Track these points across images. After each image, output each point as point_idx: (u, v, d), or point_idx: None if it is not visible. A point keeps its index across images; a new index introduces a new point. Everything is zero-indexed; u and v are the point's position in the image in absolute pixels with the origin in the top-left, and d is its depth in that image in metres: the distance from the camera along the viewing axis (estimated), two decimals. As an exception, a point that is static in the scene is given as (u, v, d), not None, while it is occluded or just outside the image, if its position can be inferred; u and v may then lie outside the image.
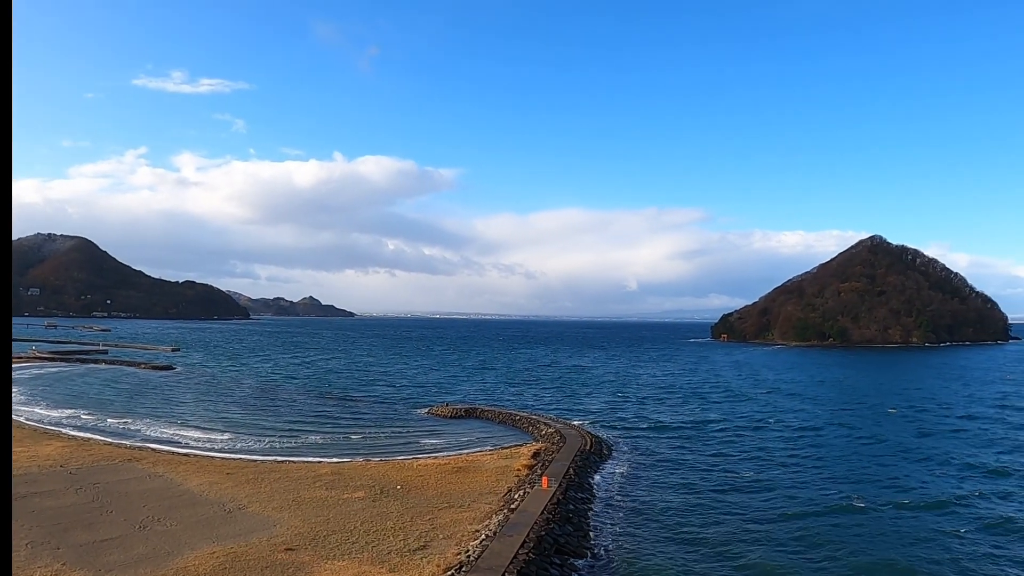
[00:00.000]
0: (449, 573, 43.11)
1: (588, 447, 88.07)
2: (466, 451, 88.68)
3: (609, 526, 58.76)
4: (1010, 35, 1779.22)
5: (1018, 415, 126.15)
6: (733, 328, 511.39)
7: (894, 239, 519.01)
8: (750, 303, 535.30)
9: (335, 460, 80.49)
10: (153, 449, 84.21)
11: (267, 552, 46.48)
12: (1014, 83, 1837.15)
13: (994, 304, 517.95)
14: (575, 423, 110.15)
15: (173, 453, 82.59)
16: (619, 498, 68.19)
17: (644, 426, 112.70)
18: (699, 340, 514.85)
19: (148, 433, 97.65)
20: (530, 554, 46.32)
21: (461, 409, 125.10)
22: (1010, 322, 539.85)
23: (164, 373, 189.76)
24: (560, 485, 65.76)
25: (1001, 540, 55.72)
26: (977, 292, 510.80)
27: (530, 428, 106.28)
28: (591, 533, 56.25)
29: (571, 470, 73.39)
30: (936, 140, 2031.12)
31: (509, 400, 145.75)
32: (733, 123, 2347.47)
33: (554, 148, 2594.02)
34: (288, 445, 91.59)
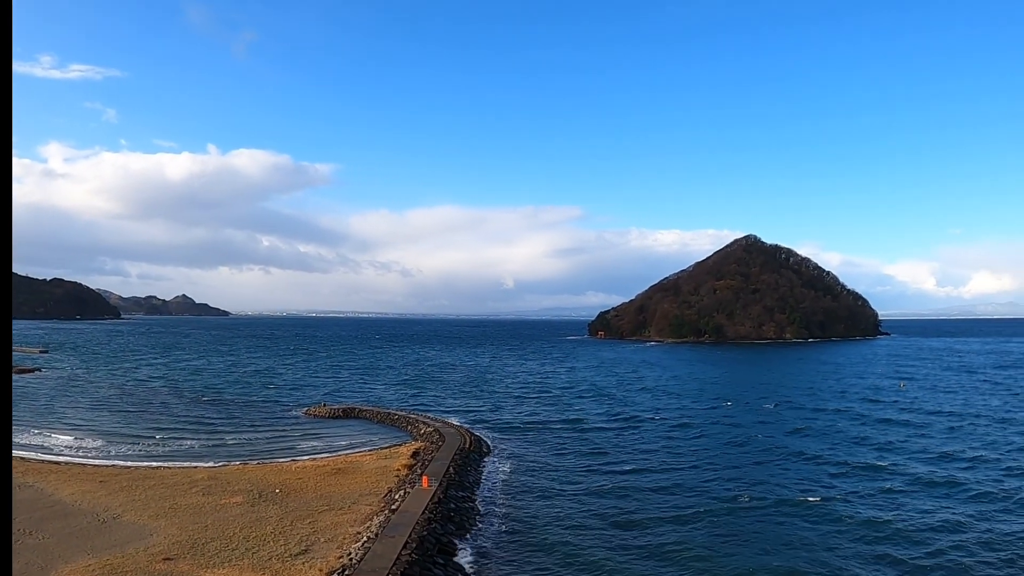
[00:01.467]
0: (331, 577, 43.35)
1: (468, 446, 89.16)
2: (345, 452, 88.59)
3: (490, 524, 59.81)
4: (883, 40, 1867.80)
5: (888, 410, 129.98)
6: (610, 325, 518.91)
7: (768, 239, 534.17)
8: (627, 301, 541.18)
9: (211, 465, 79.29)
10: (21, 457, 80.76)
11: (145, 563, 45.78)
12: (882, 89, 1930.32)
13: (865, 301, 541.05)
14: (454, 422, 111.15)
15: (43, 461, 79.81)
16: (500, 496, 69.35)
17: (523, 424, 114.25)
18: (576, 338, 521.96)
19: (15, 440, 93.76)
20: (413, 555, 46.93)
21: (339, 409, 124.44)
22: (880, 318, 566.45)
23: (31, 376, 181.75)
24: (440, 484, 66.52)
25: (875, 537, 57.04)
26: (848, 290, 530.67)
27: (409, 427, 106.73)
28: (473, 532, 57.19)
29: (451, 469, 74.26)
30: (809, 143, 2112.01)
31: (388, 399, 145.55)
32: (610, 123, 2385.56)
33: (431, 145, 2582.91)
34: (163, 450, 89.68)
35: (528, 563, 50.71)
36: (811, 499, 67.17)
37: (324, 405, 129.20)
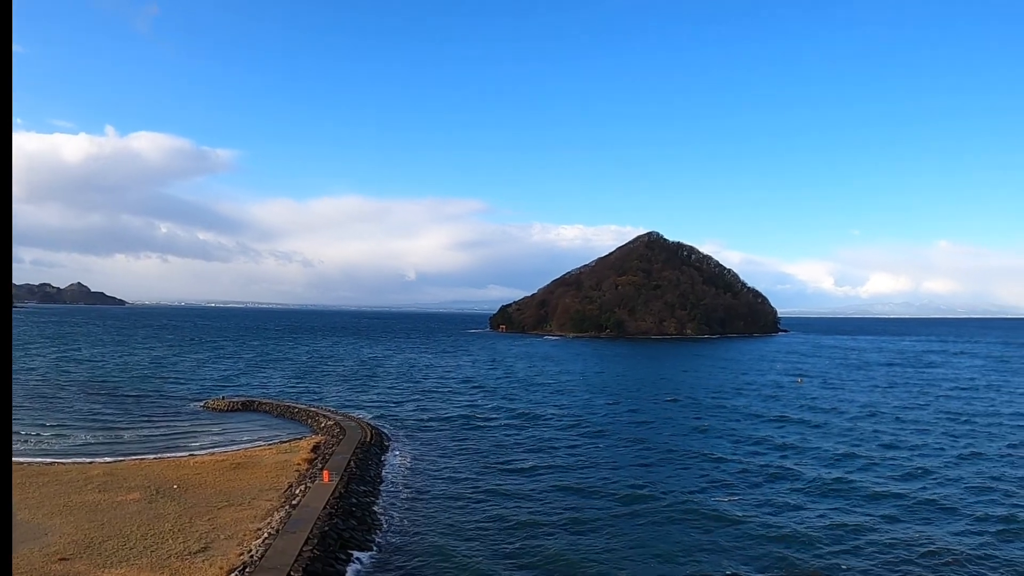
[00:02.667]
0: (232, 575, 43.49)
1: (369, 439, 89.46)
2: (244, 446, 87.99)
3: (392, 519, 60.40)
4: (789, 39, 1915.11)
5: (787, 408, 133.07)
6: (512, 319, 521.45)
7: (671, 236, 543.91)
8: (529, 295, 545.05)
9: (107, 460, 77.76)
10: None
11: (40, 563, 45.19)
12: (783, 92, 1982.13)
13: (764, 299, 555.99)
14: (355, 415, 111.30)
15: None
16: (401, 490, 70.00)
17: (425, 418, 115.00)
18: (478, 331, 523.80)
19: None
20: (315, 551, 47.36)
21: (238, 402, 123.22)
22: (779, 316, 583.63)
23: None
24: (342, 479, 66.91)
25: (773, 538, 57.68)
26: (749, 288, 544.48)
27: (309, 421, 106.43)
28: (375, 526, 57.73)
29: (352, 463, 74.56)
30: (712, 142, 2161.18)
31: (287, 392, 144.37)
32: (515, 117, 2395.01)
33: (336, 133, 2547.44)
34: (56, 446, 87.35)
35: (429, 557, 51.50)
36: (711, 500, 68.21)
37: (223, 398, 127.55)
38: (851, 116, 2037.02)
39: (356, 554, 50.69)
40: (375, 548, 52.69)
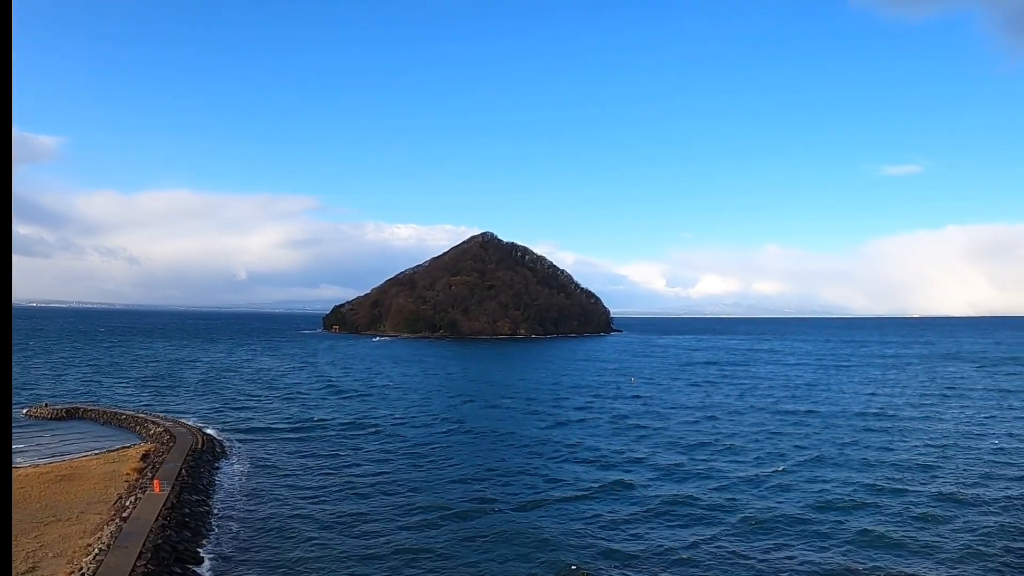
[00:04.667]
0: (64, 592, 42.53)
1: (200, 446, 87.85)
2: (70, 456, 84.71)
3: (228, 528, 59.77)
4: (621, 40, 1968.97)
5: (624, 407, 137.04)
6: (345, 319, 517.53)
7: (505, 236, 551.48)
8: (363, 295, 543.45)
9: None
10: None
11: None
12: (618, 93, 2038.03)
13: (598, 299, 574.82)
14: (186, 421, 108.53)
15: None
16: (236, 499, 69.22)
17: (258, 423, 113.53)
18: (311, 332, 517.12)
19: None
20: (148, 565, 46.47)
21: (62, 410, 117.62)
22: (612, 316, 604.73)
23: None
24: (174, 488, 65.59)
25: (606, 539, 59.21)
26: (582, 288, 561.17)
27: (138, 428, 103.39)
28: (210, 537, 57.08)
29: (184, 471, 73.10)
30: (547, 142, 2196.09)
31: (115, 398, 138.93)
32: (346, 110, 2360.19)
33: (166, 122, 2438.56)
34: None
35: (268, 568, 51.39)
36: (549, 500, 69.78)
37: (46, 405, 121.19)
38: (685, 120, 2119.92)
39: (192, 567, 50.01)
40: (212, 559, 52.10)
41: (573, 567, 52.05)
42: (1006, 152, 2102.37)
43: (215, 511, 64.50)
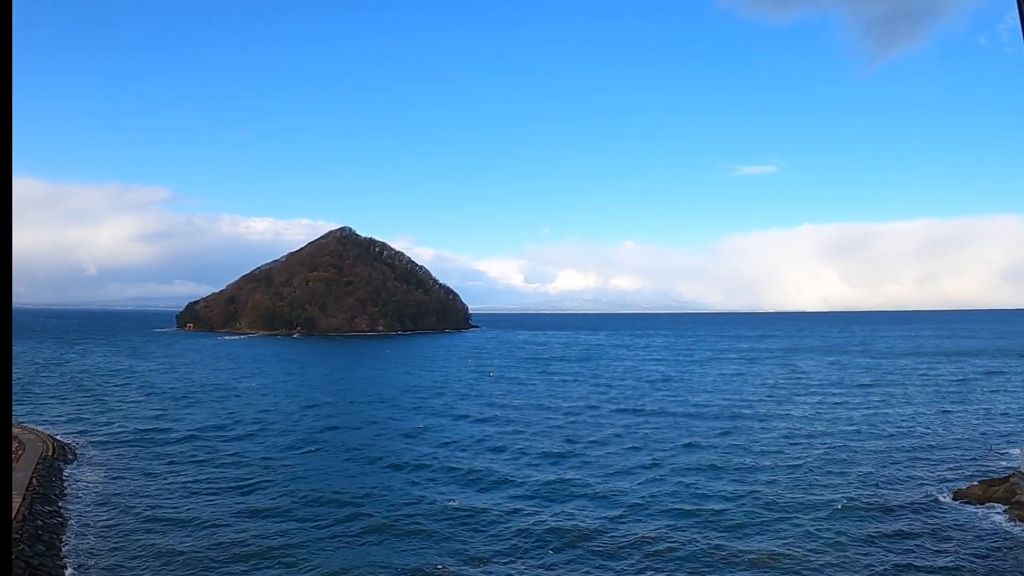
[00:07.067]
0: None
1: (51, 454, 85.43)
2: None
3: (83, 540, 58.47)
4: (480, 34, 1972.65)
5: (486, 407, 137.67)
6: (200, 317, 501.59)
7: (363, 231, 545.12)
8: (218, 291, 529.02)
9: None
10: None
11: None
12: (472, 90, 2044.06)
13: (456, 295, 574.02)
14: (35, 428, 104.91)
15: None
16: (91, 509, 67.59)
17: (112, 429, 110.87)
18: (165, 330, 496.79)
19: None
20: (1, 583, 45.79)
21: None
22: (471, 312, 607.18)
23: None
24: (24, 499, 63.37)
25: (467, 541, 60.40)
26: (440, 284, 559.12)
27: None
28: (65, 550, 55.77)
29: (34, 480, 71.07)
30: (403, 138, 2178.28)
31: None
32: (198, 97, 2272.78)
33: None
34: None
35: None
36: (409, 501, 70.89)
37: None
38: (542, 117, 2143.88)
39: (48, 582, 48.71)
40: (69, 573, 51.29)
41: (439, 567, 53.84)
42: (861, 155, 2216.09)
43: (70, 523, 62.66)
